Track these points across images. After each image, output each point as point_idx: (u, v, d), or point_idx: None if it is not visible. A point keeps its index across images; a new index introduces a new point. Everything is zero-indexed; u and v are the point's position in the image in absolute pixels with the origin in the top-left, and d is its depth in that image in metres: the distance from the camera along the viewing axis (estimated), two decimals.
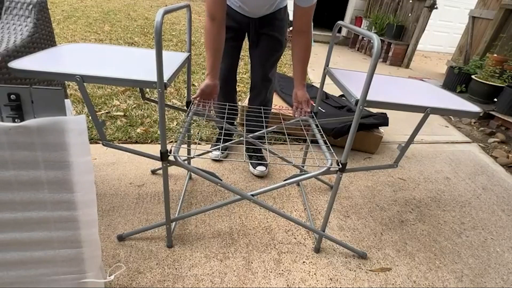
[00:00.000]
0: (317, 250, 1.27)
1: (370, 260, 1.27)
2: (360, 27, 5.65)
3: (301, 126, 1.39)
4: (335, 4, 7.01)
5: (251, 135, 1.52)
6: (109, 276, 0.88)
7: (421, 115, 1.00)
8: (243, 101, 2.31)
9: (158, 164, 1.69)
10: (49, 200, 0.72)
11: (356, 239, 1.37)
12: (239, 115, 2.32)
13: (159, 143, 1.88)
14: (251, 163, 1.75)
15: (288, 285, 1.12)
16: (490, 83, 2.99)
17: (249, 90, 1.72)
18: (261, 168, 1.70)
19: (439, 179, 1.92)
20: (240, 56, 1.64)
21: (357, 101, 0.94)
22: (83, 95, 0.94)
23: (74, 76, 0.87)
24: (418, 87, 1.23)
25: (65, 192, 0.72)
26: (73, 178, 0.71)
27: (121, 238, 1.21)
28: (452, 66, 3.58)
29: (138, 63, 1.05)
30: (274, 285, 1.11)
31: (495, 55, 3.24)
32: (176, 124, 2.14)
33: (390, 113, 2.21)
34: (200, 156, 1.66)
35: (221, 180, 1.12)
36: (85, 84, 0.90)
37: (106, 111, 2.19)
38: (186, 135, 1.31)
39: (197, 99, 1.29)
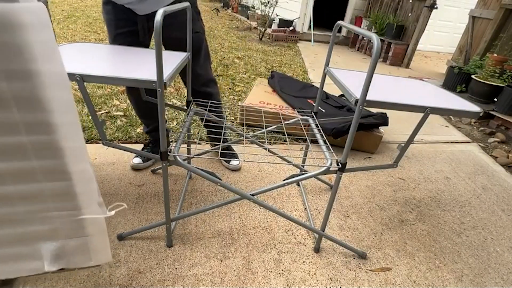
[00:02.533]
0: (317, 250, 1.27)
1: (370, 260, 1.27)
2: (360, 27, 5.66)
3: (301, 126, 1.39)
4: (335, 4, 7.01)
5: (251, 134, 1.52)
6: (109, 212, 0.81)
7: (421, 115, 1.00)
8: (243, 101, 2.31)
9: (158, 163, 1.69)
10: (20, 121, 0.59)
11: (356, 239, 1.37)
12: (238, 114, 2.33)
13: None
14: (225, 159, 1.77)
15: (288, 285, 1.12)
16: (490, 83, 2.99)
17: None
18: (234, 162, 1.74)
19: (439, 179, 1.92)
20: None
21: (356, 101, 0.94)
22: (83, 94, 0.94)
23: (74, 75, 0.87)
24: (418, 87, 1.23)
25: (38, 112, 0.59)
26: (44, 92, 0.57)
27: (121, 237, 1.21)
28: (452, 66, 3.58)
29: (138, 63, 1.05)
30: (274, 285, 1.11)
31: (495, 55, 3.24)
32: (176, 124, 2.14)
33: (390, 113, 2.21)
34: (200, 156, 1.66)
35: (221, 179, 1.12)
36: (85, 83, 0.90)
37: (106, 110, 2.19)
38: (186, 134, 1.31)
39: None
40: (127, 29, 1.30)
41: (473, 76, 3.18)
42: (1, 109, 0.57)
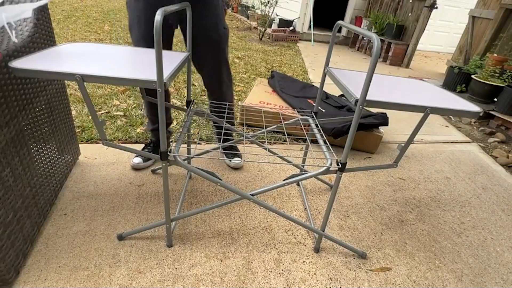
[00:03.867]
0: (317, 250, 1.27)
1: (370, 260, 1.27)
2: (360, 27, 5.65)
3: (301, 126, 1.39)
4: (335, 4, 7.01)
5: (251, 134, 1.52)
6: None
7: (421, 115, 1.00)
8: (243, 101, 2.31)
9: (158, 163, 1.69)
10: None
11: (356, 239, 1.37)
12: (239, 114, 2.32)
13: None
14: (226, 156, 1.77)
15: (288, 285, 1.12)
16: (490, 83, 2.99)
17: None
18: (236, 160, 1.74)
19: (439, 179, 1.92)
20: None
21: (356, 101, 0.94)
22: (83, 94, 0.94)
23: (74, 75, 0.87)
24: (418, 87, 1.23)
25: None
26: None
27: (121, 237, 1.21)
28: (452, 66, 3.58)
29: (138, 63, 1.05)
30: (274, 285, 1.11)
31: (495, 54, 3.25)
32: (176, 124, 2.14)
33: (390, 113, 2.21)
34: (200, 156, 1.66)
35: (221, 179, 1.12)
36: (85, 83, 0.90)
37: (106, 110, 2.19)
38: (186, 134, 1.31)
39: None
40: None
41: (473, 76, 3.18)
42: None
